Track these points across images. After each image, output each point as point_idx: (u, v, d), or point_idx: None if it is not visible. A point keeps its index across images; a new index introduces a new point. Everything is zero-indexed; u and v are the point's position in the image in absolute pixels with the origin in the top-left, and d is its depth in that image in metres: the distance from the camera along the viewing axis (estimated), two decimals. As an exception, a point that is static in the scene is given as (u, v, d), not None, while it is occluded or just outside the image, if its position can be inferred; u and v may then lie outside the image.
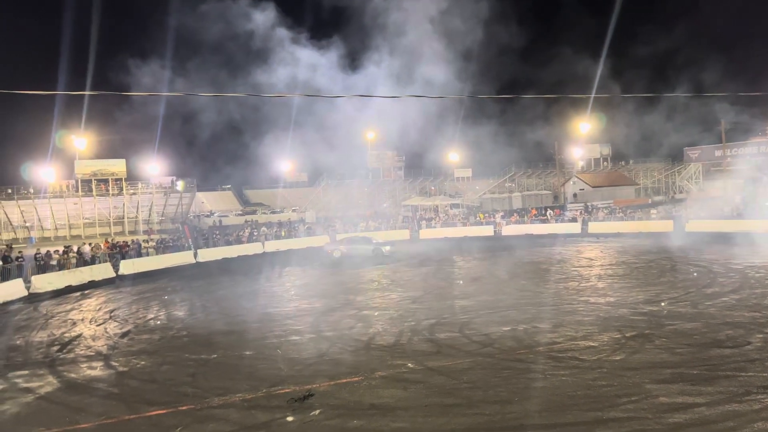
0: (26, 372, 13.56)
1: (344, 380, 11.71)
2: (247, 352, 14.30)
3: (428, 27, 42.45)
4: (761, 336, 13.46)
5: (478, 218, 50.71)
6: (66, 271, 29.25)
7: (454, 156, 76.38)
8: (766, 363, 11.55)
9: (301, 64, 40.64)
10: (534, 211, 52.48)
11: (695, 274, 17.33)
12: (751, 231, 34.56)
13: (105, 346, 15.80)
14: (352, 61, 43.12)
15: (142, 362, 14.00)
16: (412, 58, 41.34)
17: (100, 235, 51.26)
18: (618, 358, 12.41)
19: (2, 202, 53.77)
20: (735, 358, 12.02)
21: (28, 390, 12.24)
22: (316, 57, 41.41)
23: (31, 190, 55.82)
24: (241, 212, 70.87)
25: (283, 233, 45.49)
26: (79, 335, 17.29)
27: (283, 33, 40.95)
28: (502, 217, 50.25)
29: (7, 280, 26.21)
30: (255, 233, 44.13)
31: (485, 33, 43.82)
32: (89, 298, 24.65)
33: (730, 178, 64.55)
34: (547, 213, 50.66)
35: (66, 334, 17.48)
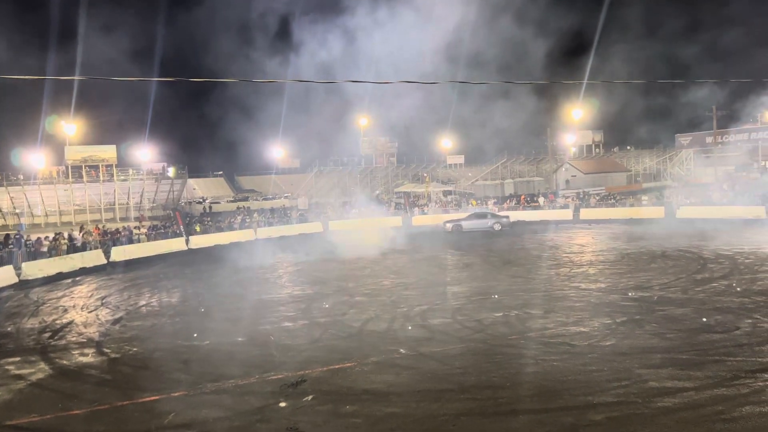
0: (18, 359, 13.54)
1: (337, 366, 11.76)
2: (240, 339, 14.31)
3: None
4: (750, 321, 13.61)
5: (470, 205, 50.69)
6: (57, 257, 29.09)
7: (447, 143, 76.20)
8: (754, 348, 11.69)
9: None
10: (523, 198, 52.55)
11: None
12: (741, 217, 34.89)
13: (97, 333, 15.78)
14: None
15: (135, 349, 14.00)
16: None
17: (91, 221, 50.84)
18: (608, 343, 12.52)
19: (-8, 188, 53.34)
20: (724, 343, 12.16)
21: (19, 377, 12.23)
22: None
23: (21, 177, 55.24)
24: (233, 199, 70.53)
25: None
26: (71, 322, 17.25)
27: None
28: (495, 203, 50.31)
29: (-2, 266, 26.08)
30: (247, 220, 43.96)
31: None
32: (80, 284, 24.57)
33: (721, 165, 64.89)
34: (540, 199, 50.74)
35: (57, 321, 17.43)
